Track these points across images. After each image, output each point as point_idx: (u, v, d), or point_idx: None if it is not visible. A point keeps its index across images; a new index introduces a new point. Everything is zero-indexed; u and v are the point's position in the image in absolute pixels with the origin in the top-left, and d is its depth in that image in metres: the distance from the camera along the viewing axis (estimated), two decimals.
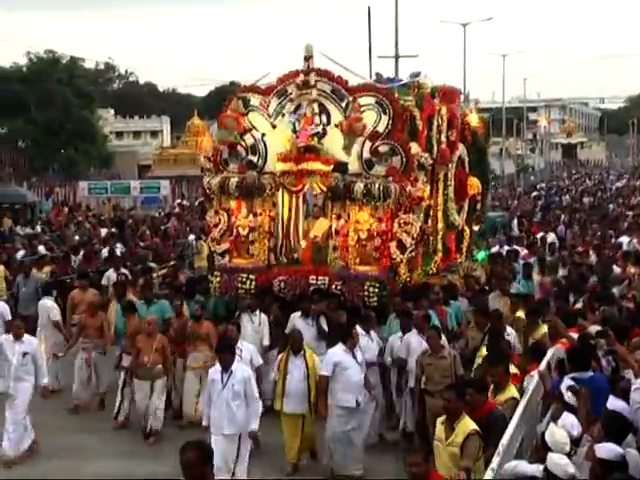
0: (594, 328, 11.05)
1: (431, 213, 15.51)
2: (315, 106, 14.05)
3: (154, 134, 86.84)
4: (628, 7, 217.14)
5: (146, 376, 12.38)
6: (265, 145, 14.41)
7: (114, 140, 77.19)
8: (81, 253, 21.51)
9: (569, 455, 7.08)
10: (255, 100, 14.41)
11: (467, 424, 8.06)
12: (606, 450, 6.79)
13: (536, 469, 7.02)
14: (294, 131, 14.08)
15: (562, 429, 7.46)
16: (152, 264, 19.41)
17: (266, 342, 13.19)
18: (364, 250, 13.72)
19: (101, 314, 13.96)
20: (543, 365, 10.00)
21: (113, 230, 27.55)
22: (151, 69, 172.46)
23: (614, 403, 8.19)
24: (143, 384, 12.42)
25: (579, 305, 13.61)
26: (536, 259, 18.02)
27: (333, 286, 13.57)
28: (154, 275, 17.58)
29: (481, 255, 18.70)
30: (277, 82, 14.41)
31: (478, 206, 17.86)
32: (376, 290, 13.34)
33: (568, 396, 8.41)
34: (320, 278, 13.69)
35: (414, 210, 13.97)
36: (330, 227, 14.03)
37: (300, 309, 13.15)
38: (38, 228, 29.95)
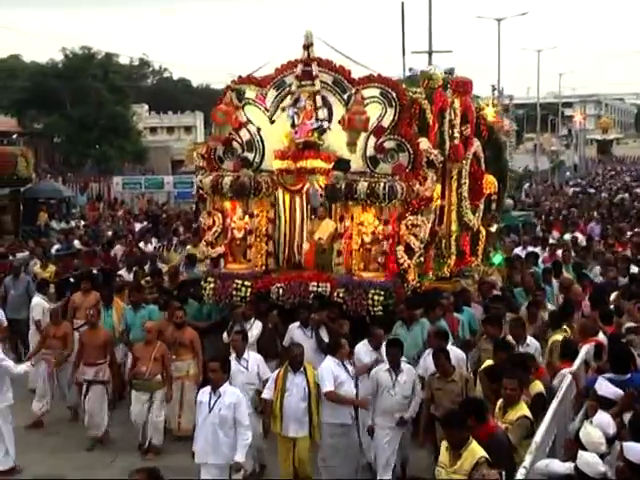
0: (628, 324, 11.13)
1: (444, 214, 14.19)
2: (316, 99, 12.71)
3: (188, 129, 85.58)
4: None
5: (145, 387, 11.29)
6: (262, 141, 13.09)
7: (148, 135, 76.20)
8: (116, 247, 20.93)
9: (603, 456, 6.85)
10: (251, 92, 13.07)
11: (475, 451, 7.12)
12: (635, 452, 6.48)
13: (568, 467, 6.82)
14: (293, 126, 12.76)
15: (597, 428, 7.20)
16: (163, 265, 18.25)
17: None
18: (369, 255, 12.39)
19: (66, 324, 12.78)
20: (577, 364, 9.63)
21: (148, 225, 27.34)
22: (185, 65, 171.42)
23: None
24: (141, 396, 11.32)
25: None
26: (551, 263, 16.61)
27: (335, 294, 12.24)
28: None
29: (497, 258, 17.06)
30: (275, 73, 13.10)
31: (493, 205, 16.33)
32: (381, 298, 11.99)
33: (605, 387, 8.18)
34: (321, 285, 12.39)
35: (423, 211, 12.62)
36: (336, 229, 12.72)
37: (299, 319, 11.89)
38: (73, 223, 29.98)
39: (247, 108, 13.10)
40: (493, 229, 16.74)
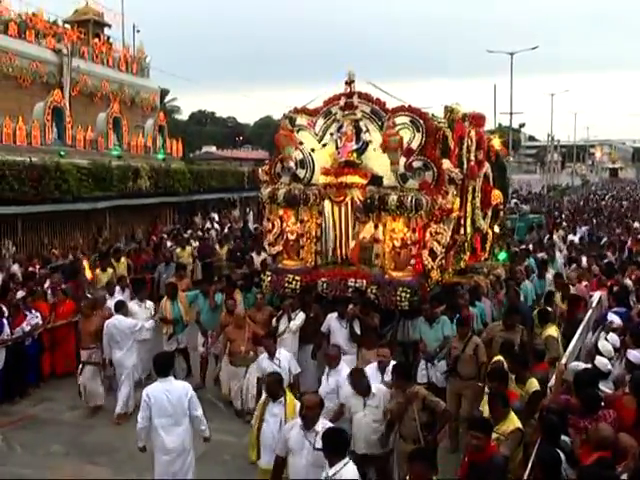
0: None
1: (462, 223, 13.45)
2: (358, 124, 11.96)
3: None
4: None
5: (242, 363, 10.60)
6: (312, 160, 12.36)
7: None
8: None
9: (611, 359, 8.09)
10: (302, 120, 12.36)
11: None
12: (634, 356, 7.87)
13: (588, 367, 7.67)
14: (337, 148, 12.07)
15: (609, 342, 8.57)
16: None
17: None
18: (398, 257, 11.51)
19: (94, 318, 11.15)
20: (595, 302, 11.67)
21: None
22: None
23: None
24: (239, 370, 10.64)
25: None
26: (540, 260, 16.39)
27: (369, 290, 11.43)
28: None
29: (502, 255, 16.45)
30: (323, 104, 12.35)
31: (501, 213, 16.39)
32: (407, 295, 11.14)
33: (613, 319, 9.96)
34: (358, 281, 11.59)
35: (444, 220, 11.79)
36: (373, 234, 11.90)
37: (337, 310, 11.06)
38: None
39: (300, 133, 12.42)
40: (497, 230, 16.50)
